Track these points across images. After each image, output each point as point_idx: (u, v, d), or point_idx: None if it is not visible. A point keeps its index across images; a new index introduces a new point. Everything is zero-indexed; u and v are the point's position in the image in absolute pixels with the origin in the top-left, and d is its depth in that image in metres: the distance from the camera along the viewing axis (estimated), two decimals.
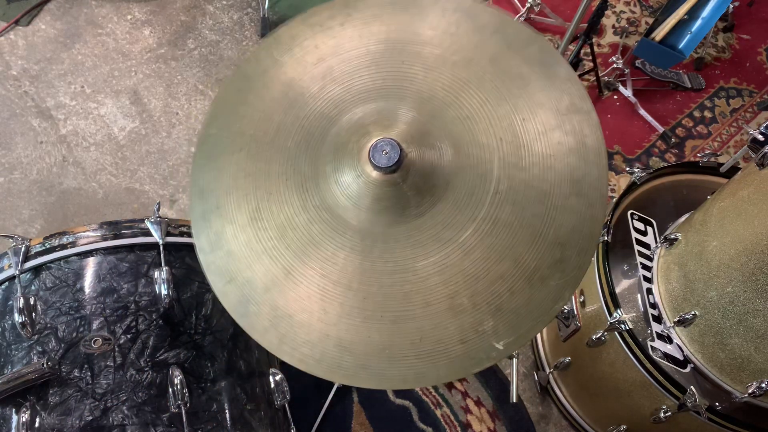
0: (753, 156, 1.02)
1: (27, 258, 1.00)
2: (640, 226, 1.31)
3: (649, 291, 1.22)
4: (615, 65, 2.19)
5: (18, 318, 0.93)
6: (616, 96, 2.23)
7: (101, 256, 1.02)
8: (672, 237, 1.18)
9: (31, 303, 0.96)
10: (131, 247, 1.04)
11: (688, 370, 1.15)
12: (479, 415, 1.65)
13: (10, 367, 0.94)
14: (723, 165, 1.33)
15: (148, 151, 2.02)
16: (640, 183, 1.34)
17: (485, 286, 0.71)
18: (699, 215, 1.14)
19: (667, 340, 1.17)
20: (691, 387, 1.09)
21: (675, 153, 2.14)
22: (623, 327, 1.17)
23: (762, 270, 0.95)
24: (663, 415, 1.16)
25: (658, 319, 1.19)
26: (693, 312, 1.10)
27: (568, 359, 1.46)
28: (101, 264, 1.02)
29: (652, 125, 2.16)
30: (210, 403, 0.98)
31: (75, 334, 0.95)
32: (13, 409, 0.89)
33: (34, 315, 0.95)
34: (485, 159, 0.74)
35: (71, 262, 1.01)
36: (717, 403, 1.10)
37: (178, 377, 0.94)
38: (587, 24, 1.93)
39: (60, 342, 0.94)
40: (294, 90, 0.81)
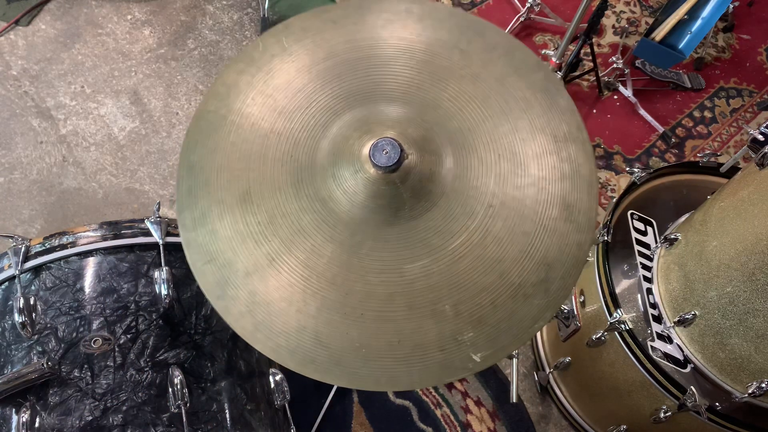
0: (753, 156, 1.02)
1: (27, 258, 1.00)
2: (640, 226, 1.31)
3: (649, 291, 1.22)
4: (615, 65, 2.20)
5: (18, 318, 0.93)
6: (616, 96, 2.23)
7: (101, 256, 1.02)
8: (672, 237, 1.18)
9: (31, 303, 0.96)
10: (131, 247, 1.04)
11: (688, 370, 1.15)
12: (479, 415, 1.65)
13: (10, 367, 0.93)
14: (723, 165, 1.33)
15: (148, 151, 2.02)
16: (640, 183, 1.34)
17: (469, 296, 0.72)
18: (699, 215, 1.14)
19: (667, 340, 1.17)
20: (691, 387, 1.09)
21: (675, 153, 2.14)
22: (623, 327, 1.17)
23: (762, 270, 0.95)
24: (663, 415, 1.16)
25: (658, 319, 1.19)
26: (693, 312, 1.10)
27: (568, 359, 1.46)
28: (101, 264, 1.02)
29: (652, 125, 2.16)
30: (210, 403, 0.98)
31: (75, 334, 0.95)
32: (13, 409, 0.89)
33: (34, 315, 0.95)
34: (483, 172, 0.76)
35: (71, 262, 1.01)
36: (717, 403, 1.10)
37: (178, 377, 0.94)
38: (587, 24, 1.93)
39: (60, 342, 0.94)
40: (300, 80, 0.81)
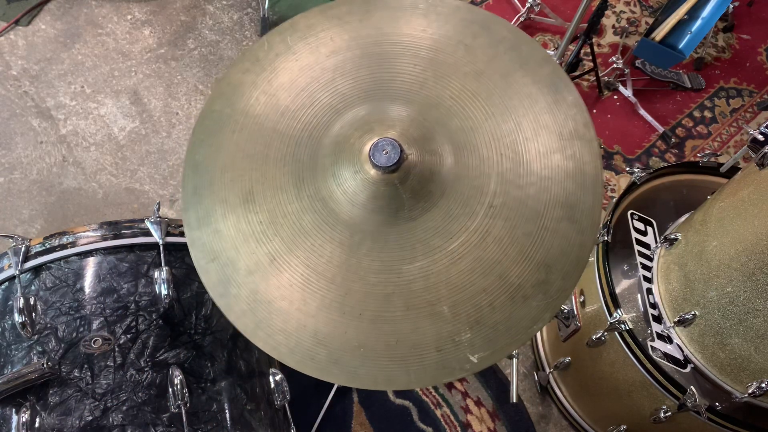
0: (753, 156, 1.02)
1: (27, 258, 1.00)
2: (640, 226, 1.31)
3: (649, 291, 1.22)
4: (615, 65, 2.20)
5: (18, 318, 0.93)
6: (616, 96, 2.23)
7: (101, 256, 1.02)
8: (672, 237, 1.18)
9: (31, 303, 0.96)
10: (131, 247, 1.04)
11: (688, 370, 1.15)
12: (479, 415, 1.65)
13: (10, 367, 0.93)
14: (723, 165, 1.33)
15: (148, 151, 2.02)
16: (640, 183, 1.34)
17: (468, 297, 0.72)
18: (699, 215, 1.14)
19: (667, 340, 1.17)
20: (691, 387, 1.09)
21: (675, 153, 2.14)
22: (623, 327, 1.17)
23: (762, 270, 0.95)
24: (663, 415, 1.16)
25: (658, 319, 1.19)
26: (693, 312, 1.10)
27: (568, 359, 1.46)
28: (101, 264, 1.02)
29: (652, 125, 2.16)
30: (210, 403, 0.98)
31: (75, 334, 0.95)
32: (13, 409, 0.89)
33: (34, 315, 0.95)
34: (484, 172, 0.75)
35: (71, 262, 1.01)
36: (717, 403, 1.10)
37: (178, 377, 0.94)
38: (587, 24, 1.93)
39: (60, 342, 0.94)
40: (303, 78, 0.81)
